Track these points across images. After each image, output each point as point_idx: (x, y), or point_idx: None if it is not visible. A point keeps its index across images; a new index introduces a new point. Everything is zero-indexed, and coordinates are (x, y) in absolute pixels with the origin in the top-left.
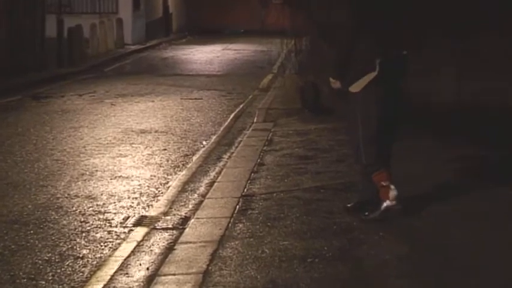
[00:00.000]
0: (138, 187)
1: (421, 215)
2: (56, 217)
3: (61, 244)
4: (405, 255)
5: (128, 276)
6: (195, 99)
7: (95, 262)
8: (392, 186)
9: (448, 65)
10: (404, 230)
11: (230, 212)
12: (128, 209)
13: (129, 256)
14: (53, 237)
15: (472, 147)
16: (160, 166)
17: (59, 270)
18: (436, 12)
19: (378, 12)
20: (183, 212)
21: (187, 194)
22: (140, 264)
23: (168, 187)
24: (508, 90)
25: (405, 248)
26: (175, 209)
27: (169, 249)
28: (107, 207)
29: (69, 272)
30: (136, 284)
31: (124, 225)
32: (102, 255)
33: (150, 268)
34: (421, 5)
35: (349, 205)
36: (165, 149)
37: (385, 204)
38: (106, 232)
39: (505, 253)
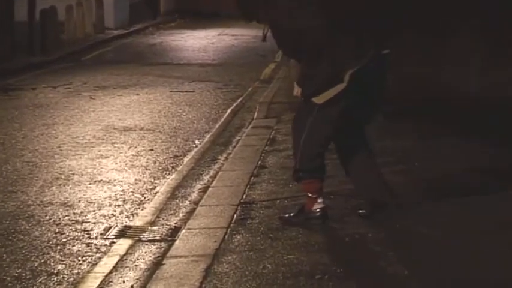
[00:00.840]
0: (121, 193)
1: (444, 226)
2: (27, 227)
3: (32, 258)
4: (428, 271)
5: None
6: (187, 92)
7: (71, 279)
8: (320, 200)
9: (474, 55)
10: (426, 242)
11: (227, 221)
12: (110, 218)
13: (110, 272)
14: (24, 251)
15: (499, 146)
16: (147, 169)
17: None
18: None
19: (347, 9)
20: (173, 221)
21: (177, 201)
22: (123, 282)
23: (156, 193)
24: None
25: (428, 264)
26: (163, 218)
27: (157, 264)
28: (85, 216)
29: None
30: None
31: (105, 236)
32: (79, 271)
33: (134, 286)
34: None
35: (361, 211)
36: (151, 150)
37: (307, 214)
38: (84, 245)
39: None
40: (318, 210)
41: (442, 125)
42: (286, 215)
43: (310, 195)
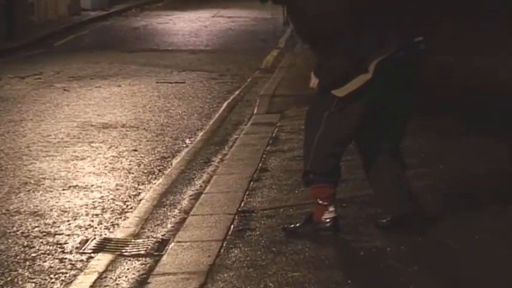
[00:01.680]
0: (100, 200)
1: (475, 239)
2: None
3: None
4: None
5: None
6: (176, 83)
7: None
8: (331, 208)
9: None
10: (453, 258)
11: (222, 233)
12: (86, 229)
13: None
14: None
15: None
16: (129, 172)
17: None
18: None
19: None
20: (160, 233)
21: (165, 209)
22: None
23: (140, 200)
24: None
25: (456, 284)
26: (149, 230)
27: (142, 282)
28: (58, 227)
29: None
30: None
31: (81, 250)
32: None
33: None
34: None
35: (383, 221)
36: (135, 150)
37: (316, 225)
38: (57, 260)
39: None
40: (328, 220)
41: (470, 120)
42: (291, 226)
43: (320, 202)
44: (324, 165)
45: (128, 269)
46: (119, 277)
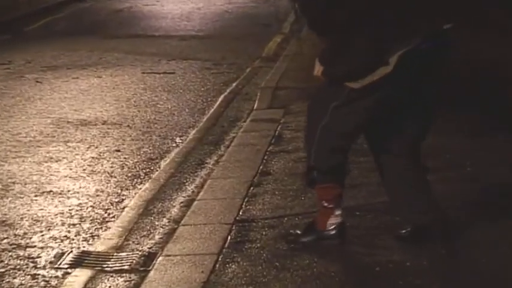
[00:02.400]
0: (78, 208)
1: (507, 253)
2: None
3: None
4: None
5: None
6: (164, 73)
7: None
8: (337, 212)
9: None
10: (481, 275)
11: (218, 245)
12: (62, 241)
13: None
14: None
15: None
16: (111, 176)
17: None
18: None
19: None
20: (146, 245)
21: (152, 218)
22: None
23: (123, 208)
24: None
25: None
26: (134, 242)
27: None
28: (30, 238)
29: None
30: None
31: (56, 265)
32: None
33: None
34: None
35: (403, 232)
36: (118, 150)
37: (319, 233)
38: (29, 276)
39: None
40: (333, 225)
41: (500, 117)
42: (292, 233)
43: (325, 204)
44: (328, 160)
45: (110, 287)
46: None
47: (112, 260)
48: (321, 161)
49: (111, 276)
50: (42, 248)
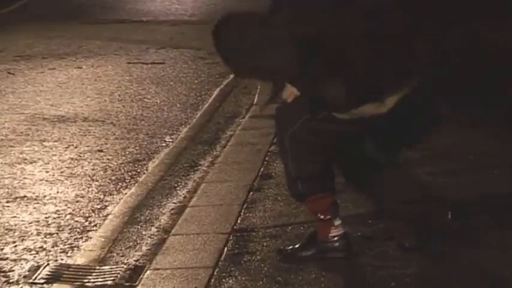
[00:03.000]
0: (55, 216)
1: None
2: None
3: None
4: None
5: None
6: (153, 63)
7: None
8: (337, 222)
9: None
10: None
11: (213, 258)
12: (38, 252)
13: None
14: None
15: None
16: (93, 179)
17: None
18: None
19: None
20: (132, 258)
21: (138, 227)
22: None
23: (106, 216)
24: None
25: None
26: (118, 254)
27: None
28: (2, 249)
29: None
30: None
31: (31, 280)
32: None
33: None
34: None
35: (407, 245)
36: (100, 151)
37: (321, 245)
38: None
39: None
40: (335, 237)
41: None
42: (289, 248)
43: (322, 217)
44: (309, 167)
45: None
46: None
47: (94, 274)
48: (303, 170)
49: None
50: (15, 260)
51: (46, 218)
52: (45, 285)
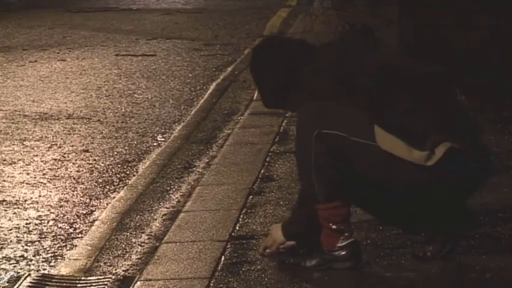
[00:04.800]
0: (37, 222)
1: None
2: None
3: None
4: None
5: None
6: (143, 55)
7: None
8: (347, 233)
9: None
10: None
11: (209, 267)
12: (18, 262)
13: None
14: None
15: None
16: (78, 182)
17: None
18: None
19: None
20: (121, 267)
21: (128, 234)
22: None
23: (93, 222)
24: None
25: None
26: (106, 263)
27: None
28: None
29: None
30: None
31: None
32: None
33: None
34: None
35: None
36: (86, 151)
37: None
38: None
39: None
40: (344, 247)
41: None
42: (287, 261)
43: (334, 227)
44: (331, 171)
45: None
46: None
47: (79, 285)
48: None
49: None
50: None
51: (27, 224)
52: None
